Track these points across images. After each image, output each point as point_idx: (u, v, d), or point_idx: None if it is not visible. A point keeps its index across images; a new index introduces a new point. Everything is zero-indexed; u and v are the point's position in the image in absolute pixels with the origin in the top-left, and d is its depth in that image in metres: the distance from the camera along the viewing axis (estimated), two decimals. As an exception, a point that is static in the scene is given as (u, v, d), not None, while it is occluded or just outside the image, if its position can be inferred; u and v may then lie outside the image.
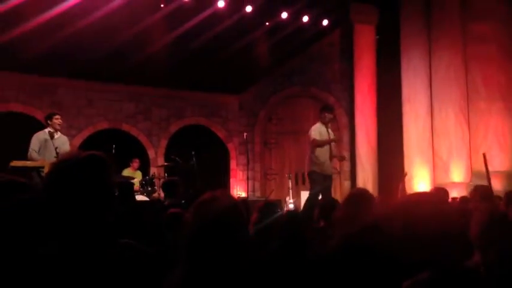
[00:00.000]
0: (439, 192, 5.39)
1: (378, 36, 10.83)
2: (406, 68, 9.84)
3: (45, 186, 1.56)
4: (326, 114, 7.46)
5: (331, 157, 7.44)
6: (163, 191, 6.02)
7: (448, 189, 6.22)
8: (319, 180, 7.25)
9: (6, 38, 8.11)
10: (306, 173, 7.76)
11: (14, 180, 2.45)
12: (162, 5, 9.36)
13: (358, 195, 2.90)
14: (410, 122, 9.76)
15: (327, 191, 7.19)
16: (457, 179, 8.96)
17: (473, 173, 8.91)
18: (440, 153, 9.28)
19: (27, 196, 2.02)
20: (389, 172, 10.54)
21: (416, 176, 9.57)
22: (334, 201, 4.47)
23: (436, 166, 9.42)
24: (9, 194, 2.15)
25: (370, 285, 1.60)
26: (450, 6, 9.27)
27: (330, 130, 7.54)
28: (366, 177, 10.48)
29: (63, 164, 1.57)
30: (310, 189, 7.37)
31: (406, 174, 8.41)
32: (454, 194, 7.88)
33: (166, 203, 5.63)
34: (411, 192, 9.47)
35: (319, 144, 7.28)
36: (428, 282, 1.53)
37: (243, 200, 5.05)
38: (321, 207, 3.96)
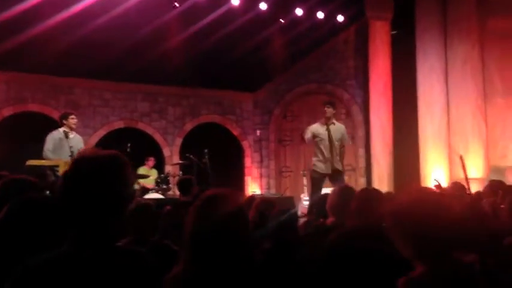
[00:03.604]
0: (456, 187, 5.33)
1: (393, 32, 10.71)
2: (422, 64, 9.74)
3: (62, 184, 1.53)
4: (325, 109, 7.36)
5: (334, 155, 7.19)
6: (178, 189, 6.05)
7: (466, 184, 6.12)
8: (316, 181, 7.21)
9: (23, 39, 8.22)
10: None
11: (26, 178, 2.49)
12: (176, 4, 9.40)
13: (365, 194, 2.87)
14: (426, 118, 9.65)
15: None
16: (474, 175, 8.83)
17: (491, 169, 8.79)
18: (457, 149, 9.17)
19: (38, 195, 2.04)
20: (405, 169, 10.45)
21: (432, 172, 9.47)
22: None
23: (453, 162, 9.30)
24: (21, 192, 2.17)
25: (364, 283, 1.59)
26: (466, 1, 9.15)
27: (332, 127, 7.29)
28: (381, 174, 10.40)
29: (81, 162, 1.55)
30: (311, 191, 7.36)
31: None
32: (472, 189, 7.77)
33: (181, 200, 5.69)
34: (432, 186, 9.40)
35: (307, 142, 7.43)
36: (423, 278, 1.51)
37: (264, 199, 5.02)
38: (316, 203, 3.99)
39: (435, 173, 9.42)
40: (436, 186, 7.18)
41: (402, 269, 1.56)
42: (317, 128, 7.31)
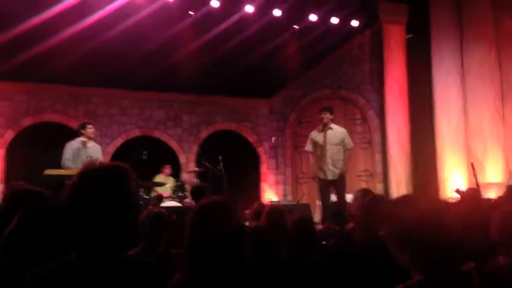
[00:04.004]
0: (471, 193, 5.26)
1: (408, 36, 10.64)
2: (438, 67, 9.65)
3: (68, 195, 1.56)
4: (322, 115, 7.39)
5: (327, 162, 7.21)
6: (192, 196, 6.10)
7: (484, 190, 6.05)
8: (322, 188, 7.23)
9: (41, 50, 8.38)
10: None
11: (30, 189, 2.53)
12: (191, 12, 9.48)
13: (370, 201, 2.85)
14: (443, 121, 9.55)
15: (340, 195, 7.12)
16: (494, 180, 8.71)
17: (510, 173, 8.65)
18: (475, 153, 9.05)
19: (47, 205, 2.07)
20: (423, 174, 10.34)
21: (450, 177, 9.35)
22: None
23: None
24: (30, 202, 2.21)
25: None
26: (481, 2, 9.05)
27: (329, 132, 7.33)
28: (399, 179, 10.28)
29: (85, 174, 1.58)
30: (319, 198, 7.42)
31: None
32: (491, 194, 7.67)
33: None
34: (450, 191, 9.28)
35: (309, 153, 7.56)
36: (420, 287, 1.49)
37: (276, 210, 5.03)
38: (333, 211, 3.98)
39: (454, 177, 9.30)
40: (456, 191, 7.10)
41: (399, 278, 1.54)
42: (315, 134, 7.39)
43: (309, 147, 7.41)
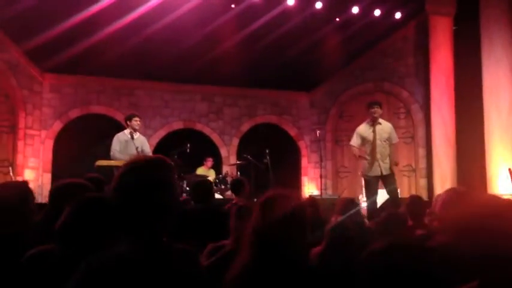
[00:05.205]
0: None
1: (455, 27, 10.32)
2: (487, 59, 9.33)
3: (115, 186, 1.62)
4: (370, 110, 7.16)
5: (378, 158, 7.00)
6: (231, 189, 6.14)
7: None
8: (369, 185, 7.06)
9: (87, 44, 8.62)
10: None
11: (75, 182, 2.62)
12: (233, 5, 9.51)
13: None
14: (493, 115, 9.23)
15: (391, 192, 6.96)
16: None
17: None
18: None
19: (96, 195, 2.15)
20: (469, 169, 10.05)
21: (500, 173, 9.05)
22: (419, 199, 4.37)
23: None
24: (72, 195, 2.28)
25: None
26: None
27: (378, 127, 7.11)
28: (444, 175, 10.01)
29: (131, 166, 1.64)
30: (366, 194, 7.25)
31: (510, 170, 7.79)
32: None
33: (234, 201, 5.73)
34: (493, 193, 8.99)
35: (353, 153, 7.31)
36: None
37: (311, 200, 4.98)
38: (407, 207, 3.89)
39: (503, 172, 8.99)
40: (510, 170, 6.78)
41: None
42: (364, 129, 7.19)
43: (355, 142, 7.22)
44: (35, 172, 9.76)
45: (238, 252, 1.90)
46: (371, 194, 6.98)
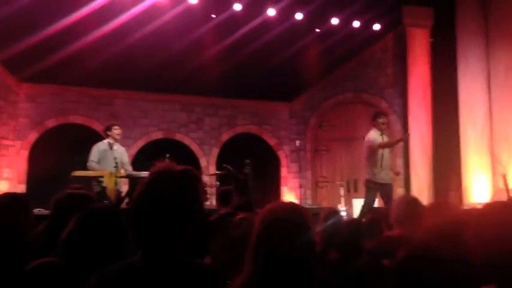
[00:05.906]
0: None
1: (432, 40, 10.51)
2: (463, 72, 9.53)
3: (139, 195, 1.57)
4: (379, 120, 7.34)
5: (385, 165, 7.27)
6: (220, 200, 6.08)
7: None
8: (373, 190, 7.16)
9: (65, 54, 8.50)
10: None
11: (76, 193, 2.58)
12: (213, 15, 9.51)
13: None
14: (468, 126, 9.43)
15: (387, 199, 7.08)
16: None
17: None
18: (500, 158, 8.92)
19: (103, 206, 2.11)
20: (446, 179, 10.21)
21: (474, 182, 9.22)
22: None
23: (496, 171, 9.05)
24: (75, 206, 2.24)
25: None
26: (509, 6, 8.92)
27: (385, 137, 7.41)
28: (421, 185, 10.14)
29: (160, 176, 1.60)
30: (365, 198, 7.32)
31: (504, 176, 7.89)
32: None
33: (221, 211, 5.67)
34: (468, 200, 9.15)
35: (389, 144, 7.46)
36: None
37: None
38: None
39: (478, 183, 9.16)
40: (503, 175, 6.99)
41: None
42: (376, 136, 7.31)
43: (377, 141, 7.29)
44: (9, 183, 9.55)
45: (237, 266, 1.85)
46: (370, 200, 7.13)
